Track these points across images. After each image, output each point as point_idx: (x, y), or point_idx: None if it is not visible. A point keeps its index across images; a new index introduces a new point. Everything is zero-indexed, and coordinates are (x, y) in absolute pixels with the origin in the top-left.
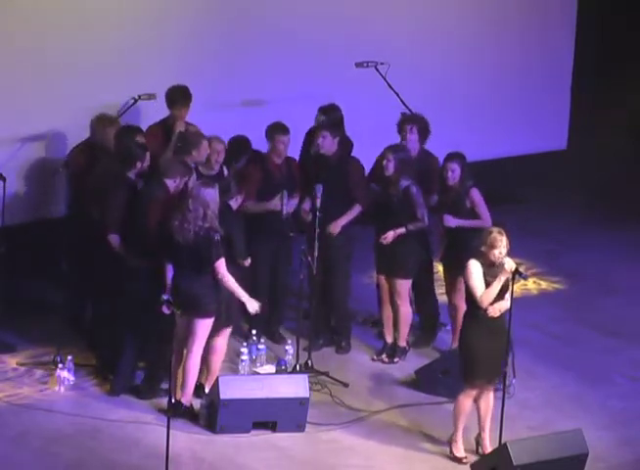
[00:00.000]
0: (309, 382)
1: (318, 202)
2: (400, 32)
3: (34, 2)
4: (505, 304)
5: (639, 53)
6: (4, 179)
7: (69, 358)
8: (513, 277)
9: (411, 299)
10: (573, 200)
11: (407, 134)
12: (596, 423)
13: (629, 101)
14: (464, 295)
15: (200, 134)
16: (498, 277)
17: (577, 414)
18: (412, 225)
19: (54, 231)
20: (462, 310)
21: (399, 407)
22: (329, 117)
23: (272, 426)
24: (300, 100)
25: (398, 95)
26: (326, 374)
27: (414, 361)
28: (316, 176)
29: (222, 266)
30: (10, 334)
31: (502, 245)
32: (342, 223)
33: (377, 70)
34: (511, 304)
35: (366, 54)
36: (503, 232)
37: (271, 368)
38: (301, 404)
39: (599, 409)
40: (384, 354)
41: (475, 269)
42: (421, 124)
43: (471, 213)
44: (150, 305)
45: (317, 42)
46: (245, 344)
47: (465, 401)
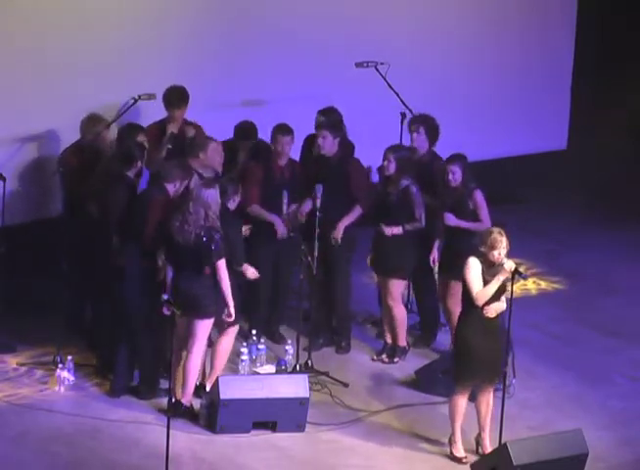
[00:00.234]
0: (309, 382)
1: (318, 202)
2: (400, 32)
3: (34, 2)
4: (502, 305)
5: (639, 53)
6: (4, 179)
7: (69, 358)
8: (512, 277)
9: (404, 299)
10: (573, 200)
11: (414, 134)
12: (596, 423)
13: (629, 101)
14: (458, 299)
15: (207, 138)
16: (497, 276)
17: (577, 414)
18: (410, 225)
19: (54, 231)
20: (455, 315)
21: (399, 407)
22: (328, 119)
23: (272, 426)
24: (300, 100)
25: (398, 95)
26: (326, 374)
27: (414, 361)
28: (316, 177)
29: (223, 266)
30: (10, 334)
31: (502, 246)
32: (343, 226)
33: (377, 70)
34: (511, 303)
35: (366, 54)
36: (503, 233)
37: (271, 368)
38: (301, 404)
39: (599, 409)
40: (384, 354)
41: (474, 266)
42: (429, 125)
43: (473, 215)
44: (146, 306)
45: (317, 42)
46: (245, 344)
47: (459, 401)
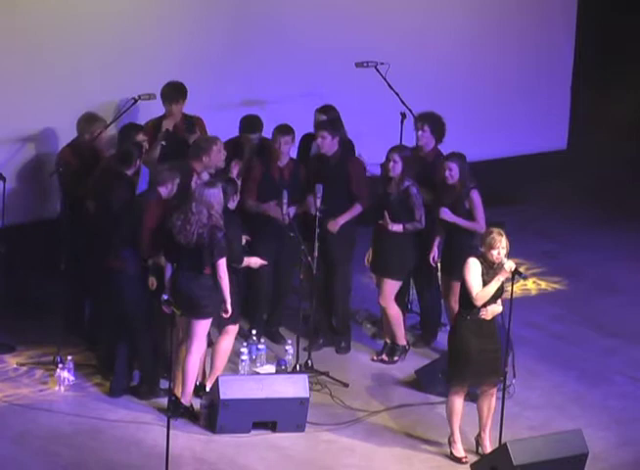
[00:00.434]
0: (309, 382)
1: (318, 202)
2: (401, 32)
3: (34, 2)
4: (498, 308)
5: (639, 53)
6: (4, 179)
7: (69, 358)
8: (512, 277)
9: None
10: (573, 200)
11: (419, 132)
12: (596, 423)
13: (629, 101)
14: (457, 298)
15: (210, 140)
16: (497, 277)
17: (577, 414)
18: (410, 225)
19: (54, 231)
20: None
21: (399, 408)
22: (329, 116)
23: (272, 426)
24: (300, 100)
25: (398, 95)
26: (326, 374)
27: (414, 361)
28: (317, 176)
29: (223, 265)
30: (10, 334)
31: (501, 246)
32: (341, 222)
33: (377, 70)
34: (511, 304)
35: (366, 54)
36: (503, 233)
37: (271, 368)
38: (301, 404)
39: (599, 409)
40: (383, 354)
41: (473, 267)
42: (433, 123)
43: (468, 215)
44: (145, 306)
45: (317, 42)
46: (245, 344)
47: (455, 401)
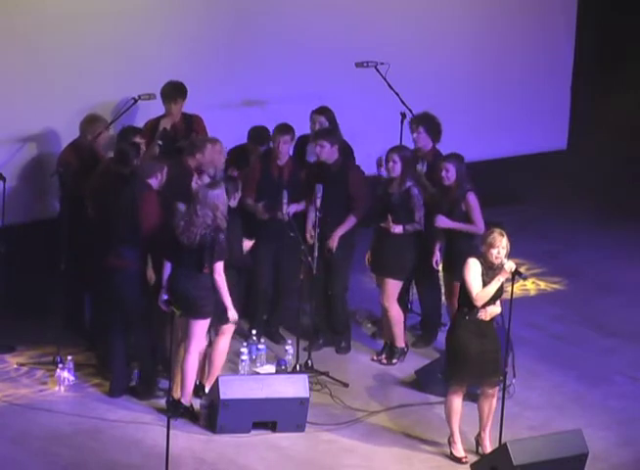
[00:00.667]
0: (309, 382)
1: (318, 202)
2: (400, 32)
3: (34, 2)
4: (496, 309)
5: (639, 53)
6: (4, 179)
7: (69, 358)
8: (513, 278)
9: (407, 299)
10: (573, 200)
11: (415, 134)
12: (596, 423)
13: (629, 101)
14: None
15: (204, 138)
16: (497, 277)
17: (577, 414)
18: (410, 226)
19: (53, 231)
20: None
21: (399, 408)
22: (327, 117)
23: (272, 426)
24: (300, 100)
25: (398, 95)
26: (326, 374)
27: (414, 361)
28: (316, 182)
29: (220, 267)
30: (10, 334)
31: (501, 245)
32: (337, 236)
33: (377, 70)
34: (511, 304)
35: (366, 54)
36: (504, 233)
37: (271, 368)
38: (301, 404)
39: (599, 409)
40: (383, 355)
41: (473, 267)
42: (428, 123)
43: (465, 217)
44: (145, 305)
45: (317, 42)
46: (245, 344)
47: (454, 401)
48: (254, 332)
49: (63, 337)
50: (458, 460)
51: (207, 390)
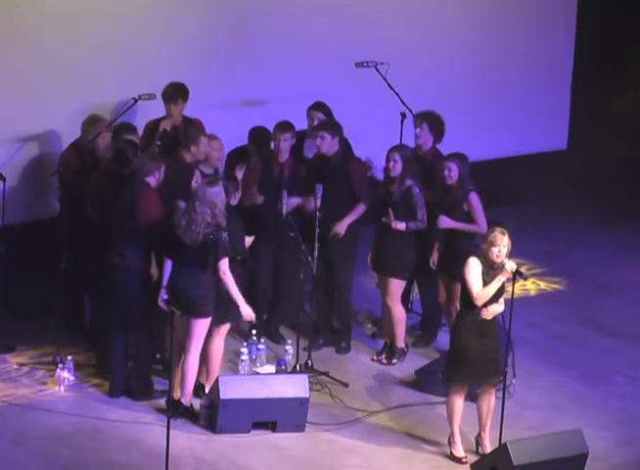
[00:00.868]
0: (309, 382)
1: (318, 202)
2: (400, 32)
3: (34, 2)
4: (499, 308)
5: (639, 53)
6: (4, 179)
7: (69, 358)
8: (514, 278)
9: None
10: (573, 200)
11: (418, 129)
12: (596, 423)
13: (629, 101)
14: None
15: (199, 131)
16: (497, 277)
17: (577, 414)
18: (413, 224)
19: (53, 231)
20: None
21: (399, 408)
22: (324, 112)
23: (272, 426)
24: (300, 100)
25: (398, 95)
26: (326, 374)
27: (414, 362)
28: (317, 176)
29: (225, 265)
30: (10, 334)
31: (502, 244)
32: (347, 223)
33: (377, 70)
34: (511, 304)
35: (366, 54)
36: (505, 232)
37: (271, 368)
38: (301, 404)
39: (599, 409)
40: (383, 355)
41: (474, 266)
42: (432, 121)
43: (467, 217)
44: (146, 305)
45: (317, 42)
46: (245, 344)
47: (455, 401)
48: (254, 332)
49: (63, 337)
50: (458, 460)
51: (207, 390)
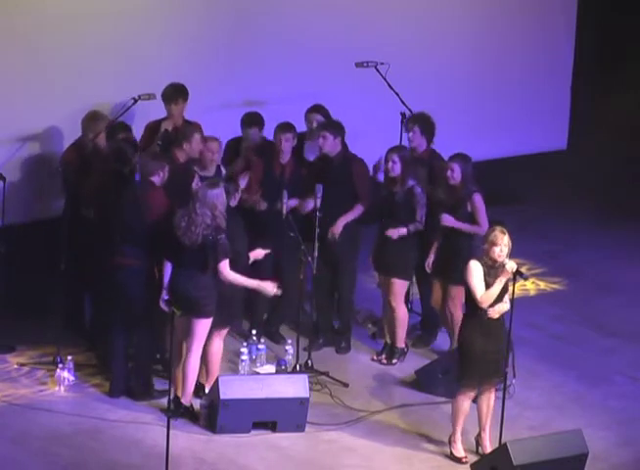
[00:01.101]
0: (309, 382)
1: (318, 202)
2: (400, 32)
3: (34, 2)
4: (505, 306)
5: (639, 53)
6: (4, 179)
7: (69, 358)
8: (514, 278)
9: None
10: (573, 200)
11: (410, 133)
12: (596, 423)
13: (629, 101)
14: (457, 302)
15: (192, 128)
16: (499, 278)
17: (577, 414)
18: (412, 226)
19: (54, 231)
20: (456, 316)
21: (399, 407)
22: (324, 115)
23: (272, 426)
24: (301, 100)
25: (398, 95)
26: (326, 374)
27: (414, 362)
28: (319, 176)
29: (226, 267)
30: (10, 334)
31: (503, 243)
32: (342, 223)
33: (377, 70)
34: (512, 304)
35: (366, 54)
36: (505, 231)
37: (271, 368)
38: (301, 404)
39: (599, 409)
40: (383, 355)
41: (475, 269)
42: (423, 123)
43: (469, 218)
44: (147, 305)
45: (317, 42)
46: (245, 344)
47: (464, 402)
48: (254, 332)
49: (63, 337)
50: (458, 460)
51: (207, 390)
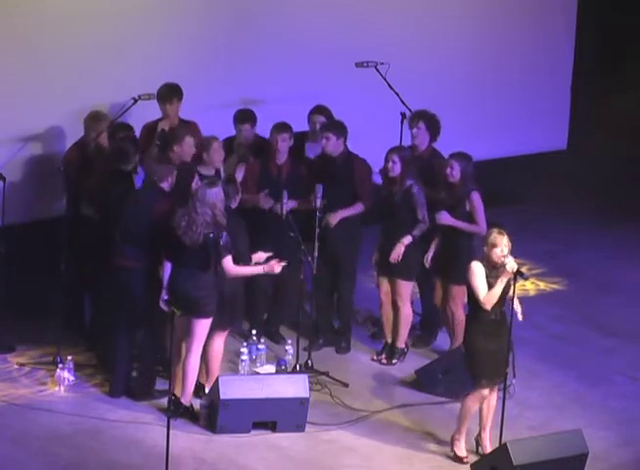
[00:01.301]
0: (309, 382)
1: (318, 202)
2: (400, 32)
3: (34, 2)
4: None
5: (639, 53)
6: (4, 179)
7: (69, 358)
8: (514, 278)
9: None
10: (573, 200)
11: (414, 129)
12: (596, 423)
13: (629, 101)
14: (458, 302)
15: (184, 131)
16: (500, 278)
17: (577, 414)
18: (417, 230)
19: (53, 231)
20: (457, 316)
21: (399, 407)
22: (327, 117)
23: (272, 426)
24: (300, 100)
25: (398, 95)
26: (326, 374)
27: (414, 361)
28: (321, 176)
29: (229, 262)
30: (10, 334)
31: (503, 243)
32: (340, 216)
33: (377, 71)
34: (512, 304)
35: (366, 54)
36: (503, 232)
37: (271, 368)
38: (301, 404)
39: (599, 409)
40: (383, 355)
41: (477, 271)
42: (428, 120)
43: (467, 217)
44: (147, 306)
45: (317, 42)
46: (245, 344)
47: (473, 403)
48: (254, 332)
49: (63, 337)
50: (459, 459)
51: (207, 390)
